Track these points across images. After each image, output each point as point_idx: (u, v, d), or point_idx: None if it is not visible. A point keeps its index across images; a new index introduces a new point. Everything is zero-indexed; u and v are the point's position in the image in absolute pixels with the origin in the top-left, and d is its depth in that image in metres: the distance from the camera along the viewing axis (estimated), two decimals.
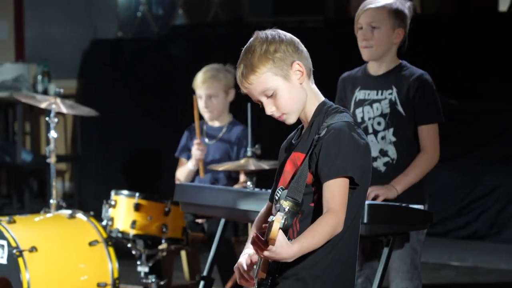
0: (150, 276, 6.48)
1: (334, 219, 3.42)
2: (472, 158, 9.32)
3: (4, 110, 11.98)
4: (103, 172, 10.73)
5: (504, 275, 8.14)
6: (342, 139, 3.49)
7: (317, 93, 3.66)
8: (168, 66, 10.62)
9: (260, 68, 3.53)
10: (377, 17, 4.92)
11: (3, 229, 6.02)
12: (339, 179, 3.45)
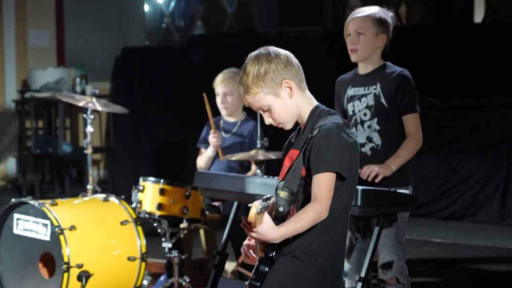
0: (173, 251, 6.49)
1: (319, 207, 3.46)
2: (452, 149, 9.31)
3: (47, 108, 12.00)
4: (132, 162, 10.72)
5: (479, 250, 8.14)
6: (331, 138, 3.52)
7: (310, 99, 3.70)
8: (188, 70, 10.62)
9: (253, 90, 3.60)
10: (363, 24, 4.96)
11: (46, 210, 6.02)
12: (326, 173, 3.49)
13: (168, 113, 10.48)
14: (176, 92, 10.52)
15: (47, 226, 6.01)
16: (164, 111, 10.56)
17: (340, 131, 3.54)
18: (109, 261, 6.21)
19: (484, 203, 9.18)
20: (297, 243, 3.56)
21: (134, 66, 11.32)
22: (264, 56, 3.59)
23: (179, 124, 10.19)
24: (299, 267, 3.58)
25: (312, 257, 3.57)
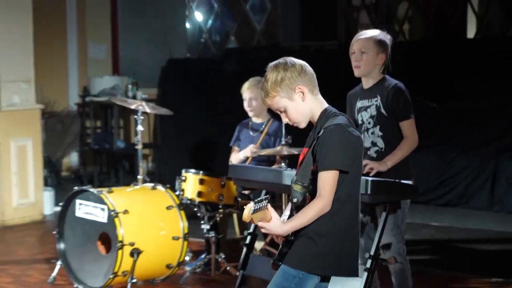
0: (210, 232, 6.54)
1: (321, 203, 3.53)
2: (447, 146, 9.29)
3: (104, 110, 12.06)
4: (175, 156, 10.74)
5: (471, 233, 8.11)
6: (333, 138, 3.56)
7: (321, 102, 3.73)
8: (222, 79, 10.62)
9: (271, 94, 3.67)
10: (365, 45, 4.99)
11: (104, 196, 6.08)
12: (329, 171, 3.54)
13: (205, 115, 10.51)
14: (212, 97, 10.54)
15: (105, 210, 6.07)
16: (201, 113, 10.59)
17: (343, 131, 3.57)
18: (157, 240, 6.25)
19: (476, 192, 9.14)
20: (309, 226, 3.58)
21: (177, 75, 11.34)
22: (281, 65, 3.66)
23: (213, 125, 10.20)
24: (314, 247, 3.60)
25: (324, 237, 3.59)
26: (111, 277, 5.99)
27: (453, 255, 7.38)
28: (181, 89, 11.01)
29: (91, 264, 6.25)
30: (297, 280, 3.64)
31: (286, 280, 3.65)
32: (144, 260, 6.09)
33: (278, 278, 3.69)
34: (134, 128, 8.08)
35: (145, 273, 6.25)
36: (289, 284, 3.64)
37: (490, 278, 6.39)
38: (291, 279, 3.64)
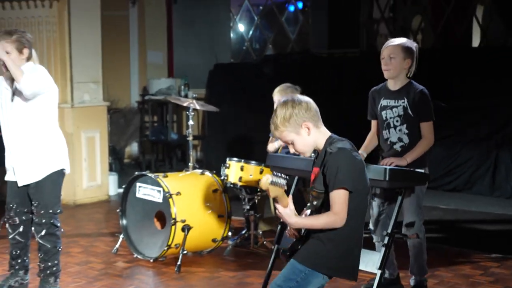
0: (250, 211, 6.55)
1: (333, 219, 3.52)
2: (454, 140, 9.21)
3: (160, 107, 12.09)
4: (220, 146, 10.74)
5: (475, 215, 8.04)
6: (339, 161, 3.53)
7: (325, 133, 3.70)
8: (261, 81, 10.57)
9: (281, 128, 3.64)
10: (394, 51, 4.96)
11: (160, 180, 6.12)
12: (338, 190, 3.51)
13: (245, 111, 10.47)
14: (251, 96, 10.51)
15: (160, 192, 6.10)
16: (243, 110, 10.56)
17: (347, 154, 3.56)
18: (204, 218, 6.26)
19: (478, 179, 9.06)
20: (324, 230, 3.57)
21: (222, 77, 11.33)
22: (290, 102, 3.61)
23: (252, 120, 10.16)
24: (323, 249, 3.58)
25: (333, 243, 3.57)
26: (165, 249, 6.03)
27: (459, 233, 7.32)
28: (226, 90, 11.00)
29: (148, 238, 6.29)
30: (303, 275, 3.62)
31: (293, 273, 3.64)
32: (193, 235, 6.12)
33: (287, 270, 3.68)
34: (186, 122, 8.09)
35: (194, 246, 6.27)
36: (295, 277, 3.63)
37: (490, 254, 6.34)
38: (297, 273, 3.62)
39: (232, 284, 5.64)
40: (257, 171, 6.40)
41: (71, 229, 7.49)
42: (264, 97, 7.41)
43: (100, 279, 5.80)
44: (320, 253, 3.60)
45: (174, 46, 12.78)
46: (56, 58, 8.78)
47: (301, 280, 3.61)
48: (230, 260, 6.30)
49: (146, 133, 12.08)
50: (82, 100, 8.94)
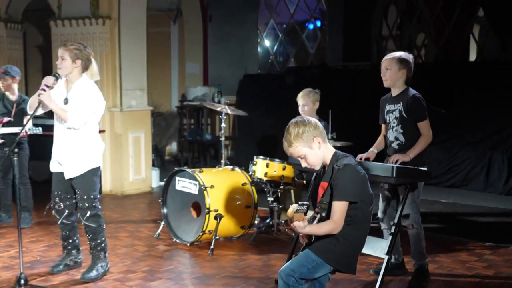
0: (274, 203, 6.54)
1: (332, 226, 3.60)
2: (453, 142, 9.18)
3: (197, 112, 12.13)
4: (248, 146, 10.74)
5: (471, 208, 7.97)
6: (344, 175, 3.60)
7: (330, 149, 3.75)
8: (284, 89, 10.55)
9: (294, 144, 3.67)
10: (389, 64, 4.99)
11: (196, 175, 6.14)
12: (340, 202, 3.58)
13: (270, 116, 10.45)
14: (275, 103, 10.48)
15: (196, 185, 6.12)
16: (268, 114, 10.55)
17: (351, 169, 3.62)
18: (234, 208, 6.27)
19: (474, 177, 9.01)
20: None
21: (251, 86, 11.34)
22: (301, 122, 3.68)
23: (276, 123, 10.11)
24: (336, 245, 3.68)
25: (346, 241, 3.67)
26: (200, 234, 6.04)
27: (457, 224, 7.25)
28: (253, 97, 11.00)
29: (185, 225, 6.31)
30: (314, 264, 3.68)
31: (306, 261, 3.68)
32: (224, 222, 6.13)
33: (301, 257, 3.73)
34: (219, 125, 8.11)
35: (225, 232, 6.28)
36: (307, 265, 3.67)
37: (484, 242, 6.29)
38: (310, 262, 3.67)
39: (258, 265, 5.64)
40: (280, 168, 6.40)
41: (119, 216, 7.54)
42: (286, 104, 7.41)
43: (144, 260, 5.83)
44: (333, 249, 3.66)
45: (209, 58, 12.83)
46: (108, 68, 8.84)
47: (312, 268, 3.67)
48: (256, 245, 6.30)
49: (184, 134, 12.14)
50: (130, 105, 9.00)
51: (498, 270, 5.48)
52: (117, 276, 5.36)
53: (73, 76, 5.13)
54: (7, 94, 6.93)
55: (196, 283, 5.20)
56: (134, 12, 8.94)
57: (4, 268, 5.57)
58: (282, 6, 14.01)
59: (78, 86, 5.12)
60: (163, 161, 11.56)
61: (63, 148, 5.17)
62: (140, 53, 9.09)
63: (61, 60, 5.08)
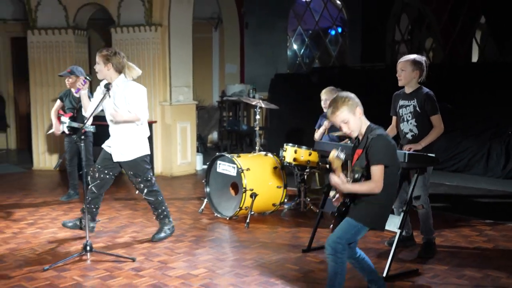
0: (300, 184, 6.52)
1: (373, 185, 3.63)
2: (458, 133, 9.06)
3: (235, 105, 12.12)
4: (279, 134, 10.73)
5: (472, 190, 7.86)
6: (379, 143, 3.63)
7: (366, 122, 3.78)
8: (310, 87, 10.51)
9: (340, 109, 3.71)
10: (403, 65, 4.94)
11: (234, 159, 6.15)
12: (378, 165, 3.62)
13: (298, 109, 10.41)
14: (302, 98, 10.45)
15: (235, 168, 6.13)
16: (296, 108, 10.51)
17: (384, 138, 3.65)
18: (267, 188, 6.26)
19: (475, 163, 8.90)
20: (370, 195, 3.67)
21: (281, 84, 11.32)
22: (347, 94, 3.76)
23: (302, 115, 10.12)
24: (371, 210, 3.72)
25: (377, 205, 3.71)
26: (238, 210, 6.06)
27: (460, 204, 7.16)
28: (283, 93, 10.97)
29: (225, 202, 6.33)
30: (356, 229, 3.72)
31: (349, 227, 3.72)
32: (258, 200, 6.13)
33: (344, 225, 3.75)
34: (253, 117, 8.12)
35: (259, 208, 6.28)
36: (351, 230, 3.71)
37: (484, 220, 6.21)
38: (353, 227, 3.71)
39: (287, 237, 5.64)
40: (306, 154, 6.38)
41: (169, 194, 7.60)
42: (311, 99, 7.39)
43: (190, 231, 5.88)
44: (370, 213, 3.71)
45: (245, 60, 12.83)
46: (159, 68, 8.90)
47: (354, 232, 3.71)
48: (285, 220, 6.30)
49: (223, 124, 12.17)
50: (178, 100, 9.05)
51: (496, 243, 5.41)
52: (168, 245, 5.41)
53: (110, 77, 5.27)
54: (72, 91, 7.00)
55: (234, 251, 5.23)
56: (181, 20, 8.97)
57: (74, 237, 5.67)
58: (308, 15, 13.94)
59: (116, 84, 5.25)
60: (206, 148, 11.61)
61: (112, 136, 5.38)
62: (187, 56, 9.12)
63: (96, 64, 5.26)
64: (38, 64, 9.42)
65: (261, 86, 11.91)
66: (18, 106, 11.95)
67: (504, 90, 9.01)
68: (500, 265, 4.80)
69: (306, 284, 4.40)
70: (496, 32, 12.84)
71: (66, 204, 7.02)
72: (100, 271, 4.68)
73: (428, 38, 14.12)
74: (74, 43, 9.38)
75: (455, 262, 4.89)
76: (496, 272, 4.65)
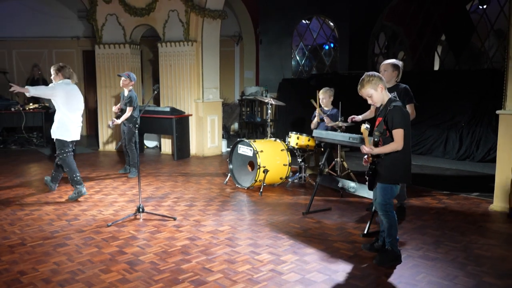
0: (301, 163, 6.45)
1: (396, 145, 3.54)
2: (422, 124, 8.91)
3: (251, 103, 12.03)
4: (285, 125, 10.68)
5: (433, 169, 7.65)
6: (398, 112, 3.54)
7: (388, 95, 3.69)
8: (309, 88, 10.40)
9: (366, 86, 3.61)
10: (386, 67, 4.82)
11: (251, 143, 6.11)
12: (398, 129, 3.53)
13: (299, 105, 10.28)
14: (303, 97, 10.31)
15: (251, 150, 6.09)
16: (298, 105, 10.39)
17: (401, 108, 3.58)
18: (276, 165, 6.23)
19: (436, 148, 8.76)
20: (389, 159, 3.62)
21: (287, 86, 11.21)
22: (372, 74, 3.67)
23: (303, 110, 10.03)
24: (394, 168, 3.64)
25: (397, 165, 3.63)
26: (253, 182, 6.04)
27: (424, 179, 7.07)
28: (288, 93, 10.89)
29: (244, 176, 6.31)
30: (389, 189, 3.68)
31: (384, 191, 3.69)
32: (269, 175, 6.12)
33: (379, 190, 3.72)
34: (266, 111, 8.07)
35: (269, 181, 6.25)
36: (386, 192, 3.68)
37: (442, 191, 6.14)
38: (385, 189, 3.68)
39: (291, 203, 5.63)
40: (306, 140, 6.34)
41: (201, 170, 7.61)
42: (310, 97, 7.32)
43: (217, 198, 5.89)
44: (394, 173, 3.66)
45: (259, 68, 12.74)
46: (194, 74, 8.87)
47: (390, 192, 3.67)
48: (289, 190, 6.28)
49: (243, 117, 12.11)
50: (208, 98, 9.02)
51: (451, 209, 5.35)
52: (201, 208, 5.42)
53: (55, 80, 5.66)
54: (124, 90, 7.00)
55: (251, 213, 5.23)
56: (211, 37, 8.92)
57: (130, 201, 5.70)
58: (308, 34, 13.80)
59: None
60: (229, 135, 11.58)
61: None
62: (215, 64, 9.08)
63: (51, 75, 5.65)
64: (103, 71, 9.44)
65: (272, 88, 11.83)
66: (88, 103, 12.02)
67: (459, 91, 8.87)
68: (454, 226, 4.76)
69: (305, 238, 4.39)
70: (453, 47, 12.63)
71: (124, 176, 7.07)
72: (149, 227, 4.71)
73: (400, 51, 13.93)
74: (130, 55, 9.38)
75: (419, 223, 4.85)
76: (451, 231, 4.61)
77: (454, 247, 4.16)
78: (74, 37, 11.70)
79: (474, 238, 4.39)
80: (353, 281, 3.51)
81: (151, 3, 8.91)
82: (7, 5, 11.33)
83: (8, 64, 11.63)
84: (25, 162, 8.28)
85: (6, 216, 5.08)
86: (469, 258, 3.94)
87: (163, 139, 9.32)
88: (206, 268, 3.73)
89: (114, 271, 3.68)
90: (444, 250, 4.10)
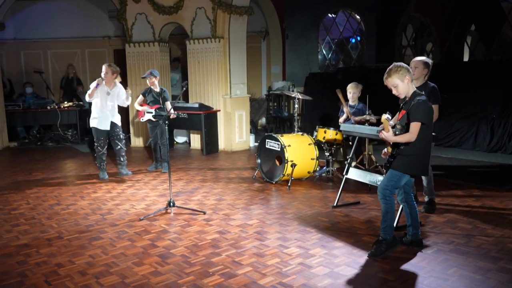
0: (329, 156, 6.39)
1: (409, 136, 3.50)
2: (452, 116, 8.74)
3: (278, 97, 12.00)
4: (313, 119, 10.60)
5: (462, 161, 7.51)
6: (421, 106, 3.48)
7: (413, 87, 3.62)
8: (336, 83, 10.27)
9: (392, 76, 3.55)
10: (416, 64, 4.69)
11: (279, 137, 6.10)
12: (416, 122, 3.49)
13: (326, 100, 10.11)
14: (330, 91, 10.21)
15: (279, 144, 6.08)
16: (325, 99, 10.23)
17: (426, 103, 3.51)
18: (304, 159, 6.20)
19: (466, 140, 8.54)
20: (406, 149, 3.59)
21: (313, 80, 11.11)
22: (400, 64, 3.60)
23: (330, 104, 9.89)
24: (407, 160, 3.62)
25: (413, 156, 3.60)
26: (281, 176, 6.03)
27: (454, 171, 6.91)
28: (315, 87, 10.79)
29: (272, 170, 6.30)
30: (397, 177, 3.66)
31: (392, 176, 3.67)
32: (297, 169, 6.09)
33: (388, 175, 3.71)
34: (293, 106, 8.02)
35: (297, 175, 6.23)
36: (393, 178, 3.67)
37: (473, 184, 5.98)
38: (394, 176, 3.67)
39: (319, 197, 5.59)
40: (333, 134, 6.29)
41: (229, 165, 7.63)
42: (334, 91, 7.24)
43: (246, 192, 5.90)
44: (407, 164, 3.63)
45: (286, 63, 12.68)
46: (222, 70, 8.89)
47: (397, 180, 3.66)
48: (317, 183, 6.24)
49: (270, 112, 12.08)
50: (236, 94, 9.02)
51: (483, 202, 5.20)
52: (229, 201, 5.45)
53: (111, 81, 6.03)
54: (152, 88, 7.02)
55: (279, 207, 5.22)
56: (238, 34, 8.91)
57: (161, 195, 5.78)
58: (334, 27, 13.62)
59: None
60: (257, 130, 11.59)
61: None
62: (242, 60, 9.07)
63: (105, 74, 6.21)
64: (133, 68, 9.57)
65: (299, 82, 11.74)
66: None
67: (489, 82, 8.61)
68: (486, 219, 4.62)
69: (333, 232, 4.35)
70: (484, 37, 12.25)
71: (154, 172, 7.16)
72: (180, 221, 4.76)
73: (429, 42, 13.60)
74: (159, 53, 9.47)
75: (450, 216, 4.73)
76: (483, 224, 4.48)
77: (486, 241, 4.05)
78: (105, 37, 11.90)
79: (506, 232, 4.25)
80: (382, 275, 3.46)
81: (179, 1, 8.97)
82: (40, 7, 11.63)
83: (44, 64, 11.95)
84: (61, 158, 8.49)
85: (44, 210, 5.22)
86: (501, 252, 3.82)
87: (192, 135, 9.39)
88: (236, 261, 3.75)
89: (146, 264, 3.74)
90: (475, 244, 3.99)
